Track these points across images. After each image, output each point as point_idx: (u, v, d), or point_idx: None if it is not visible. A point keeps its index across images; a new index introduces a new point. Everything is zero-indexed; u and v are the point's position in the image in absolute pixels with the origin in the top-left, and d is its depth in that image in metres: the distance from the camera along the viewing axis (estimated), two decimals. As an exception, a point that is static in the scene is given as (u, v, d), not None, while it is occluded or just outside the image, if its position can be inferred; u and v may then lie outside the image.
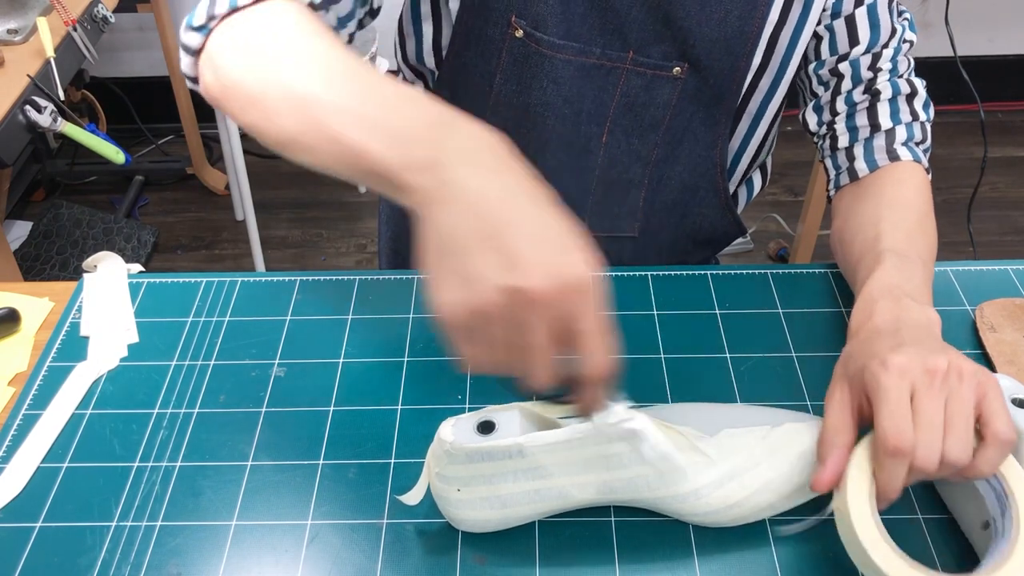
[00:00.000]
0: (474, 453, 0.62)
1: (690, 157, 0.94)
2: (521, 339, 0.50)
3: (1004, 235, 2.33)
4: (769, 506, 0.66)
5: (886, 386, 0.59)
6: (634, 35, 0.85)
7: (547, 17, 0.83)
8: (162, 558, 0.67)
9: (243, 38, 0.64)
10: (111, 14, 1.76)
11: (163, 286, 0.90)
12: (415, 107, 0.54)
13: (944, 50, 1.96)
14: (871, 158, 0.86)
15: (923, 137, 0.88)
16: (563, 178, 0.90)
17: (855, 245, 0.80)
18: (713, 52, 0.86)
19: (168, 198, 2.55)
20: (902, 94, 0.87)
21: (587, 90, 0.88)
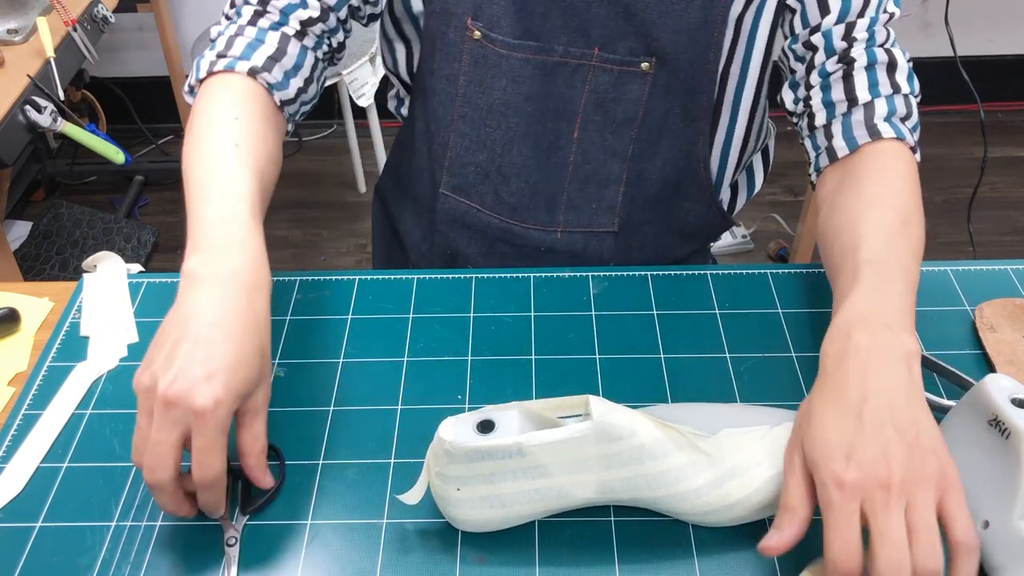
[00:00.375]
0: (474, 452, 0.62)
1: (670, 152, 0.93)
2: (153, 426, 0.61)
3: (1004, 235, 2.33)
4: (769, 505, 0.66)
5: (837, 508, 0.57)
6: (597, 32, 0.86)
7: (501, 18, 0.85)
8: (162, 558, 0.67)
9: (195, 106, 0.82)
10: (111, 14, 1.76)
11: (163, 286, 0.90)
12: (222, 228, 0.70)
13: (944, 50, 1.96)
14: (850, 135, 0.82)
15: (907, 112, 0.82)
16: (533, 174, 0.92)
17: (835, 249, 0.76)
18: (678, 44, 0.85)
19: (168, 198, 2.56)
20: (879, 63, 0.83)
21: (552, 88, 0.89)
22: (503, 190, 0.94)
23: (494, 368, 0.81)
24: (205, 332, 0.63)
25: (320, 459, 0.74)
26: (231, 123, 0.78)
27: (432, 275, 0.90)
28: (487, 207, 0.96)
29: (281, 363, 0.82)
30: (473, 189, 0.95)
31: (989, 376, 0.66)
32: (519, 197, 0.94)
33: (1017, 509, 0.61)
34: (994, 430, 0.64)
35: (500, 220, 0.96)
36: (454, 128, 0.92)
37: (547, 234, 0.96)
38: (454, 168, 0.95)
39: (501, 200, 0.95)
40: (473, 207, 0.96)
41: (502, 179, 0.93)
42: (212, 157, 0.76)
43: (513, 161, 0.92)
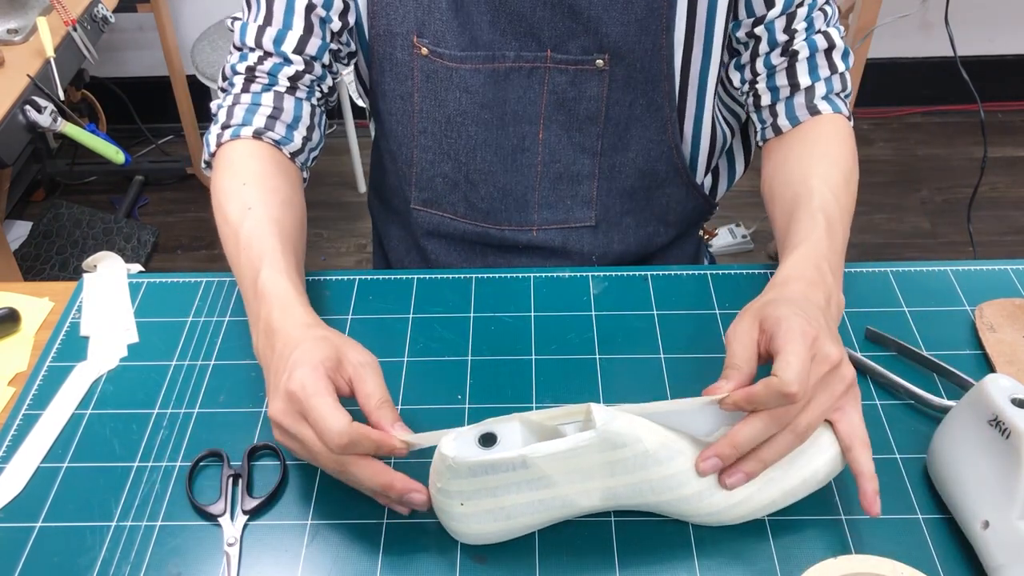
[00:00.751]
0: (477, 467, 0.62)
1: (641, 143, 0.94)
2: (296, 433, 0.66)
3: (1004, 235, 2.33)
4: (771, 502, 0.66)
5: (799, 344, 0.63)
6: (547, 34, 0.87)
7: (445, 33, 0.88)
8: (162, 558, 0.67)
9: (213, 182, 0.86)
10: (111, 14, 1.76)
11: (163, 286, 0.90)
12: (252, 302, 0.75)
13: (944, 50, 1.96)
14: (792, 114, 0.90)
15: (843, 87, 0.90)
16: (500, 177, 0.94)
17: (786, 198, 0.83)
18: (628, 36, 0.87)
19: (168, 198, 2.55)
20: (819, 50, 0.88)
21: (508, 93, 0.91)
22: (473, 196, 0.96)
23: (494, 368, 0.81)
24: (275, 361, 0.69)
25: (320, 459, 0.74)
26: (240, 190, 0.82)
27: (432, 275, 0.90)
28: (460, 215, 0.98)
29: (281, 363, 0.82)
30: (444, 200, 0.98)
31: (989, 376, 0.66)
32: (490, 201, 0.96)
33: (1017, 509, 0.61)
34: (994, 430, 0.64)
35: (475, 225, 0.98)
36: (416, 144, 0.95)
37: (523, 233, 0.97)
38: (422, 183, 0.97)
39: (473, 206, 0.97)
40: (447, 217, 0.98)
41: (470, 186, 0.95)
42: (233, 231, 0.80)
43: (478, 168, 0.94)
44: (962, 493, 0.66)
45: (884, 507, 0.69)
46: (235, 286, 0.90)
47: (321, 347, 0.67)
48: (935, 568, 0.65)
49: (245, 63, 0.89)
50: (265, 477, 0.73)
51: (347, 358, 0.67)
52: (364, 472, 0.64)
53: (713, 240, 2.26)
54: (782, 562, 0.66)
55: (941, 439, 0.70)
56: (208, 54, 2.01)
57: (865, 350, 0.81)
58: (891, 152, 2.61)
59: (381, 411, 0.65)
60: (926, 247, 2.30)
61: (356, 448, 0.63)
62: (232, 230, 0.80)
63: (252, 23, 0.88)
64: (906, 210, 2.41)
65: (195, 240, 2.41)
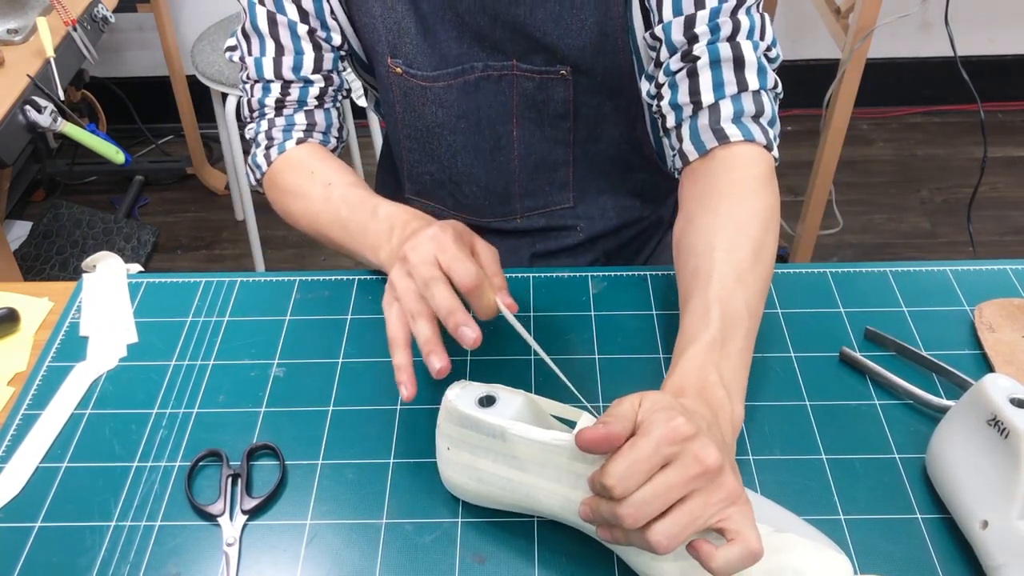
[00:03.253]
0: (465, 419, 0.65)
1: (611, 136, 0.97)
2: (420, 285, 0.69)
3: (1004, 235, 2.33)
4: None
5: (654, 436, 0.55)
6: (510, 49, 0.89)
7: (416, 55, 0.91)
8: (161, 558, 0.67)
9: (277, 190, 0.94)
10: (111, 14, 1.76)
11: (163, 286, 0.90)
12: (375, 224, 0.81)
13: (944, 50, 1.96)
14: (697, 139, 0.80)
15: (757, 109, 0.79)
16: (482, 176, 0.98)
17: (687, 270, 0.74)
18: (584, 57, 0.88)
19: (168, 198, 2.55)
20: (724, 60, 0.79)
21: (481, 100, 0.93)
22: (458, 194, 1.01)
23: (494, 368, 0.81)
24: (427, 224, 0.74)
25: (320, 459, 0.74)
26: (310, 177, 0.89)
27: (432, 275, 0.91)
28: (449, 207, 1.03)
29: (281, 363, 0.82)
30: (433, 193, 1.03)
31: (988, 376, 0.66)
32: (474, 199, 1.00)
33: (1016, 509, 0.61)
34: (993, 430, 0.64)
35: (464, 217, 1.02)
36: (404, 146, 1.00)
37: (507, 222, 1.02)
38: (412, 177, 1.03)
39: (459, 202, 1.01)
40: (437, 207, 1.04)
41: (455, 185, 1.00)
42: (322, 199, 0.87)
43: (460, 170, 0.98)
44: (961, 493, 0.66)
45: (884, 507, 0.69)
46: (235, 286, 0.90)
47: (456, 224, 0.72)
48: (935, 568, 0.65)
49: (272, 95, 0.93)
50: (264, 477, 0.73)
51: (475, 238, 0.73)
52: (447, 292, 0.67)
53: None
54: (781, 562, 0.66)
55: (940, 439, 0.70)
56: (208, 54, 2.01)
57: (864, 350, 0.81)
58: (891, 152, 2.61)
59: (496, 279, 0.71)
60: (926, 247, 2.30)
61: (477, 291, 0.67)
62: (319, 202, 0.87)
63: (266, 57, 0.91)
64: (906, 210, 2.41)
65: (195, 240, 2.41)
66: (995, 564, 0.62)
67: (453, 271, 0.67)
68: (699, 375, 0.64)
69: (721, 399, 0.63)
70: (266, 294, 0.89)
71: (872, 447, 0.73)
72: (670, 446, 0.55)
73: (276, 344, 0.84)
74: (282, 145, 0.92)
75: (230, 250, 2.38)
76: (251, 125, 0.96)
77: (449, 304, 0.66)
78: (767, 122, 0.80)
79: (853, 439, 0.74)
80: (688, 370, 0.65)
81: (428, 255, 0.68)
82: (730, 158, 0.78)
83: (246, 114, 0.96)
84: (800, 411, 0.76)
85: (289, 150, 0.92)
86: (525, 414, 0.65)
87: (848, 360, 0.80)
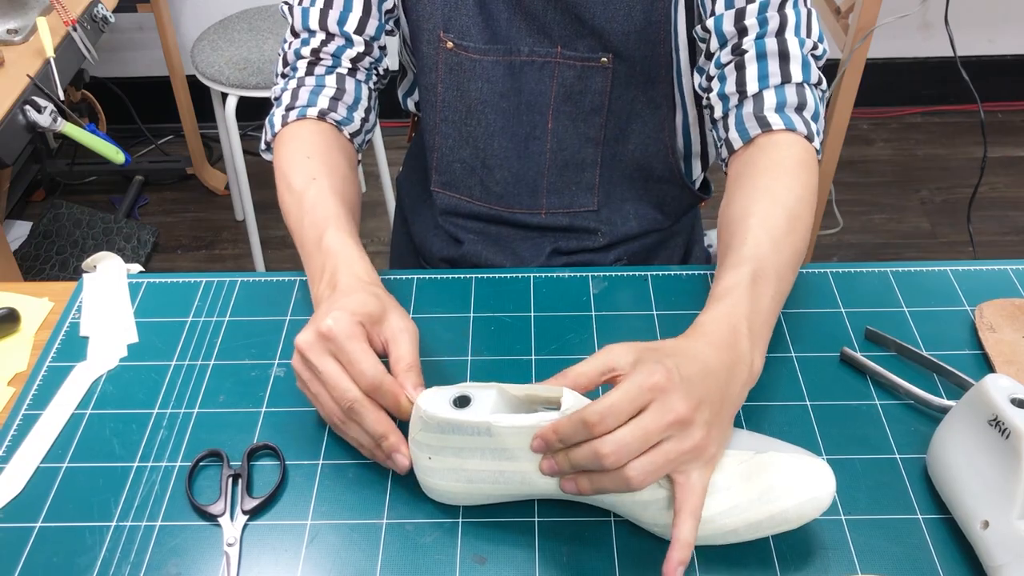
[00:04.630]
0: (445, 424, 0.64)
1: (640, 137, 1.00)
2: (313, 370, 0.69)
3: (1004, 235, 2.33)
4: (733, 531, 0.64)
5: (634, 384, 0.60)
6: (557, 33, 0.93)
7: (470, 27, 0.94)
8: (162, 558, 0.67)
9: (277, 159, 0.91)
10: (111, 14, 1.76)
11: (163, 286, 0.90)
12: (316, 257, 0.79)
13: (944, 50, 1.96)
14: (742, 127, 0.84)
15: (800, 101, 0.83)
16: (514, 163, 1.00)
17: (723, 239, 0.78)
18: (628, 44, 0.92)
19: (168, 198, 2.55)
20: (770, 53, 0.84)
21: (523, 84, 0.96)
22: (488, 180, 1.01)
23: (494, 368, 0.81)
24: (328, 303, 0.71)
25: (320, 459, 0.74)
26: (305, 162, 0.86)
27: (432, 275, 0.91)
28: (475, 198, 1.03)
29: (281, 363, 0.82)
30: (461, 183, 1.03)
31: (989, 376, 0.66)
32: (504, 185, 1.01)
33: (1017, 509, 0.61)
34: (994, 430, 0.64)
35: (488, 208, 1.03)
36: (437, 131, 1.00)
37: (532, 216, 1.03)
38: (441, 167, 1.03)
39: (488, 190, 1.02)
40: (463, 199, 1.04)
41: (487, 170, 1.00)
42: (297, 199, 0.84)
43: (495, 153, 0.99)
44: (962, 493, 0.66)
45: (884, 507, 0.69)
46: (235, 286, 0.90)
47: (369, 302, 0.71)
48: (935, 568, 0.65)
49: (309, 46, 0.93)
50: (265, 477, 0.73)
51: (389, 319, 0.71)
52: (371, 416, 0.67)
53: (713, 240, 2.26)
54: (781, 561, 0.66)
55: (941, 439, 0.70)
56: (208, 54, 2.01)
57: (865, 350, 0.81)
58: (891, 152, 2.61)
59: (408, 374, 0.69)
60: (926, 247, 2.30)
61: (378, 392, 0.67)
62: (296, 197, 0.84)
63: (314, 8, 0.92)
64: (906, 210, 2.41)
65: (195, 240, 2.41)
66: (996, 564, 0.62)
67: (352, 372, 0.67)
68: (730, 326, 0.68)
69: (743, 351, 0.67)
70: (266, 294, 0.89)
71: (873, 447, 0.73)
72: (649, 393, 0.60)
73: (276, 344, 0.84)
74: (303, 111, 0.90)
75: (230, 250, 2.38)
76: (279, 84, 0.95)
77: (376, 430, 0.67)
78: (810, 115, 0.84)
79: (854, 439, 0.74)
80: (718, 319, 0.68)
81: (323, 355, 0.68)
82: (771, 144, 0.82)
83: (279, 70, 0.96)
84: (801, 411, 0.76)
85: (304, 121, 0.90)
86: (501, 405, 0.65)
87: (849, 360, 0.80)
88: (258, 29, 2.08)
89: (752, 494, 0.63)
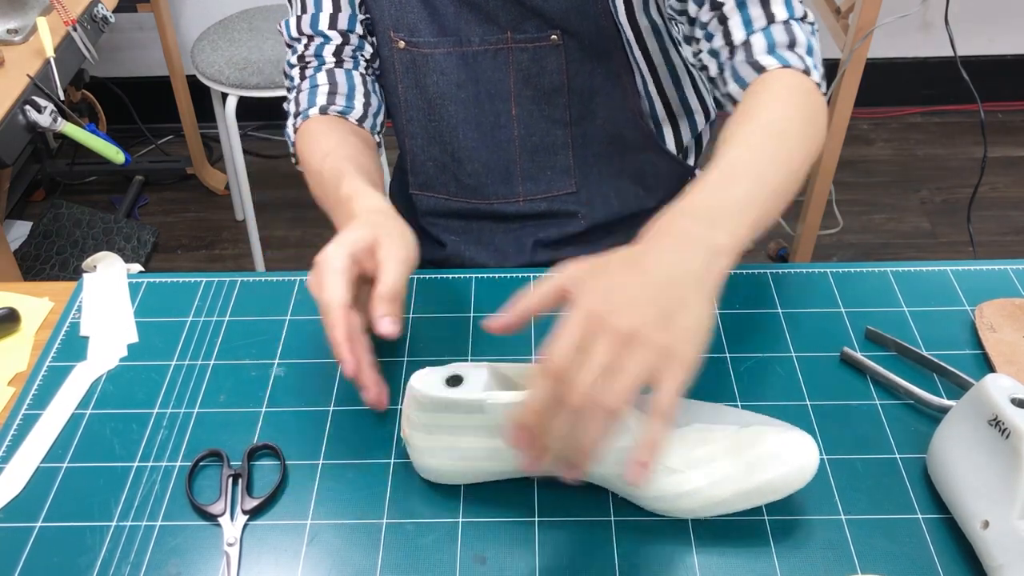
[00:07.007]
0: (439, 403, 0.65)
1: (607, 111, 0.99)
2: None
3: (1004, 235, 2.33)
4: (723, 502, 0.66)
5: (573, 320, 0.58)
6: (503, 19, 0.94)
7: (418, 23, 0.96)
8: (162, 558, 0.67)
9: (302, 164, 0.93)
10: (111, 14, 1.76)
11: (163, 286, 0.90)
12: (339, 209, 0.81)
13: (944, 50, 1.96)
14: (738, 77, 0.83)
15: (790, 38, 0.82)
16: (483, 153, 1.00)
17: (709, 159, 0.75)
18: (571, 19, 0.92)
19: (168, 198, 2.55)
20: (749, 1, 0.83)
21: (480, 74, 0.97)
22: (460, 174, 1.02)
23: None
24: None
25: (320, 459, 0.74)
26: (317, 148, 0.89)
27: (432, 275, 0.91)
28: (452, 195, 1.04)
29: (281, 363, 0.82)
30: (436, 181, 1.05)
31: (989, 376, 0.66)
32: (476, 177, 1.02)
33: (1017, 509, 0.61)
34: (994, 430, 0.64)
35: (466, 203, 1.04)
36: (406, 133, 1.02)
37: (510, 205, 1.03)
38: (415, 168, 1.05)
39: (462, 184, 1.03)
40: (440, 198, 1.05)
41: (458, 164, 1.01)
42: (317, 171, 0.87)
43: (463, 145, 1.00)
44: (962, 493, 0.66)
45: (884, 507, 0.69)
46: (235, 286, 0.90)
47: (363, 229, 0.72)
48: (935, 568, 0.65)
49: (297, 54, 0.98)
50: (265, 477, 0.73)
51: (382, 246, 0.71)
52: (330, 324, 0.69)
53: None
54: (781, 561, 0.66)
55: (941, 439, 0.70)
56: (208, 54, 2.01)
57: (865, 350, 0.81)
58: (891, 152, 2.61)
59: (379, 301, 0.69)
60: (926, 247, 2.30)
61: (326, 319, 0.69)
62: (315, 173, 0.87)
63: (293, 17, 0.98)
64: (906, 210, 2.41)
65: (195, 240, 2.41)
66: (996, 564, 0.62)
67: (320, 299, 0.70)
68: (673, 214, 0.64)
69: (697, 232, 0.63)
70: (266, 294, 0.89)
71: (873, 447, 0.73)
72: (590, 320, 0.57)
73: (276, 344, 0.84)
74: (306, 113, 0.94)
75: (230, 250, 2.38)
76: (288, 97, 0.99)
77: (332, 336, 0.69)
78: (804, 51, 0.82)
79: (854, 439, 0.74)
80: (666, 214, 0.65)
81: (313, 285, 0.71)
82: (765, 81, 0.81)
83: (285, 84, 1.01)
84: (801, 411, 0.76)
85: (309, 121, 0.93)
86: (493, 384, 0.67)
87: (849, 360, 0.80)
88: (258, 29, 2.08)
89: (740, 466, 0.65)
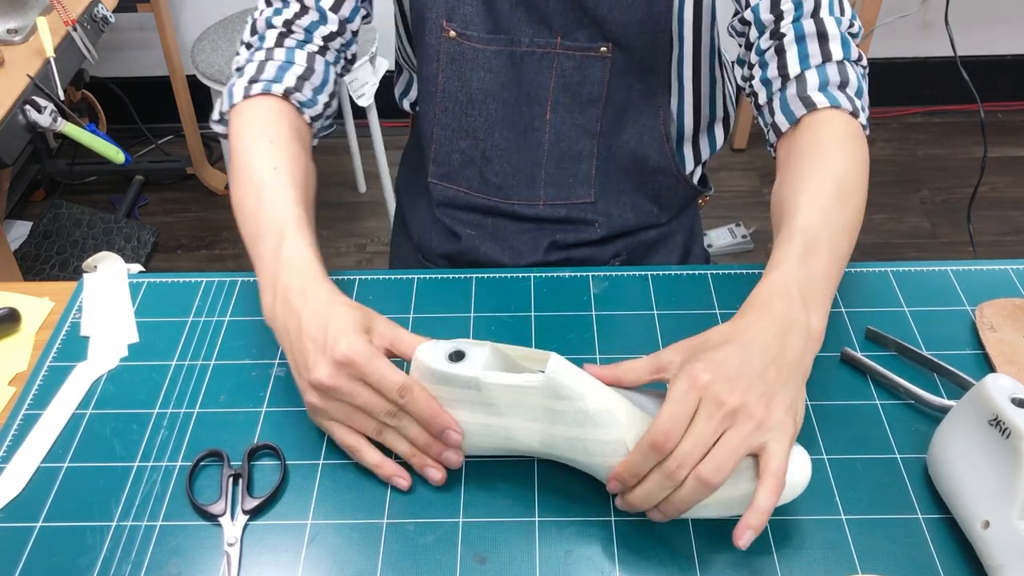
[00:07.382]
0: (439, 375, 0.67)
1: (635, 128, 1.01)
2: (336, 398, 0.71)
3: (1004, 235, 2.33)
4: (704, 507, 0.65)
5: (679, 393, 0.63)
6: (557, 23, 0.94)
7: (473, 17, 0.95)
8: (162, 558, 0.67)
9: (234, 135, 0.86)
10: (111, 14, 1.76)
11: (163, 286, 0.90)
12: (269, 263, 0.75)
13: (944, 50, 1.96)
14: (787, 109, 0.84)
15: (843, 79, 0.83)
16: (513, 155, 1.00)
17: (776, 215, 0.79)
18: (629, 33, 0.93)
19: (168, 198, 2.55)
20: (808, 35, 0.84)
21: (523, 75, 0.97)
22: (487, 171, 1.01)
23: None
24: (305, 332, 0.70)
25: (320, 459, 0.74)
26: (268, 147, 0.82)
27: (432, 275, 0.91)
28: (473, 190, 1.03)
29: (281, 363, 0.82)
30: (459, 174, 1.03)
31: (989, 376, 0.66)
32: (503, 177, 1.01)
33: (1017, 509, 0.61)
34: (994, 430, 0.64)
35: (486, 199, 1.03)
36: (436, 122, 1.00)
37: (530, 207, 1.03)
38: (439, 158, 1.03)
39: (486, 181, 1.02)
40: (460, 191, 1.04)
41: (486, 161, 1.01)
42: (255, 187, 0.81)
43: (495, 144, 1.00)
44: (962, 493, 0.66)
45: (884, 507, 0.69)
46: (235, 286, 0.90)
47: (355, 315, 0.71)
48: (936, 568, 0.65)
49: (282, 16, 0.89)
50: (265, 477, 0.73)
51: (376, 325, 0.72)
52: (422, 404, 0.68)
53: (713, 240, 2.27)
54: (782, 560, 0.66)
55: (941, 439, 0.70)
56: (208, 54, 2.01)
57: (865, 350, 0.81)
58: (891, 152, 2.61)
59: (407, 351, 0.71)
60: (926, 247, 2.30)
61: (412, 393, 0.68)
62: (255, 185, 0.81)
63: None
64: (906, 210, 2.41)
65: (195, 240, 2.41)
66: (996, 564, 0.62)
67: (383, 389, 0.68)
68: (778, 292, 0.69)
69: (796, 315, 0.67)
70: (267, 294, 0.89)
71: (873, 447, 0.73)
72: (695, 392, 0.62)
73: (276, 344, 0.83)
74: (268, 86, 0.86)
75: (230, 250, 2.38)
76: (243, 54, 0.91)
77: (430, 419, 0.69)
78: (854, 92, 0.84)
79: (854, 439, 0.74)
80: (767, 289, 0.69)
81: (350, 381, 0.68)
82: (817, 122, 0.82)
83: (244, 39, 0.92)
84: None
85: (268, 98, 0.86)
86: (493, 362, 0.69)
87: (849, 360, 0.80)
88: (258, 29, 2.08)
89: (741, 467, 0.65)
